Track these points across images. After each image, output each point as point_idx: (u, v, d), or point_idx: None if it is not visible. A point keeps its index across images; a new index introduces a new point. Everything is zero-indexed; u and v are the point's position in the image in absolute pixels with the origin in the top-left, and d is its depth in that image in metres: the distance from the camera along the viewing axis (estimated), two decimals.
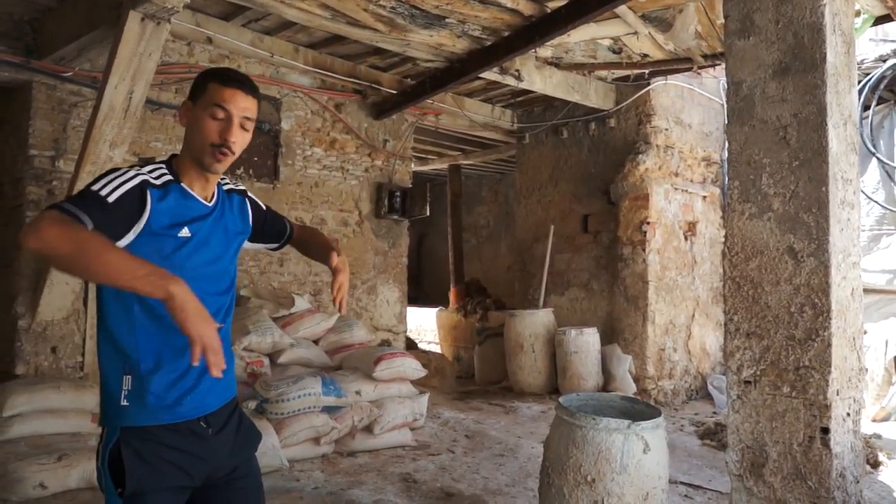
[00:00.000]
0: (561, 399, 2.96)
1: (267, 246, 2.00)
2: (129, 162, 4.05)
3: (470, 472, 4.10)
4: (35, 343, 4.48)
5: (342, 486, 3.72)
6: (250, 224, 1.84)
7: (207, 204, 1.67)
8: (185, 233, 1.59)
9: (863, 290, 2.61)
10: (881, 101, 6.10)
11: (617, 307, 6.44)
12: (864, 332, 2.92)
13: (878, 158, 6.14)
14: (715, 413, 5.89)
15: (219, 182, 1.74)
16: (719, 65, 5.63)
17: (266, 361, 4.43)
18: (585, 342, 6.16)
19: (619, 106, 6.55)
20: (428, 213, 7.14)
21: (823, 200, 2.40)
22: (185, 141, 1.64)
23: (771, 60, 2.56)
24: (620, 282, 6.37)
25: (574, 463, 2.64)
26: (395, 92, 6.15)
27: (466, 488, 3.79)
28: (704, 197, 6.78)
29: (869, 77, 5.79)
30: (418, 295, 11.22)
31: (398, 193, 6.42)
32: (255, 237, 1.89)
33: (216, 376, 1.39)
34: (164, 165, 1.62)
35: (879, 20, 4.16)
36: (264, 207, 1.93)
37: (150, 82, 3.93)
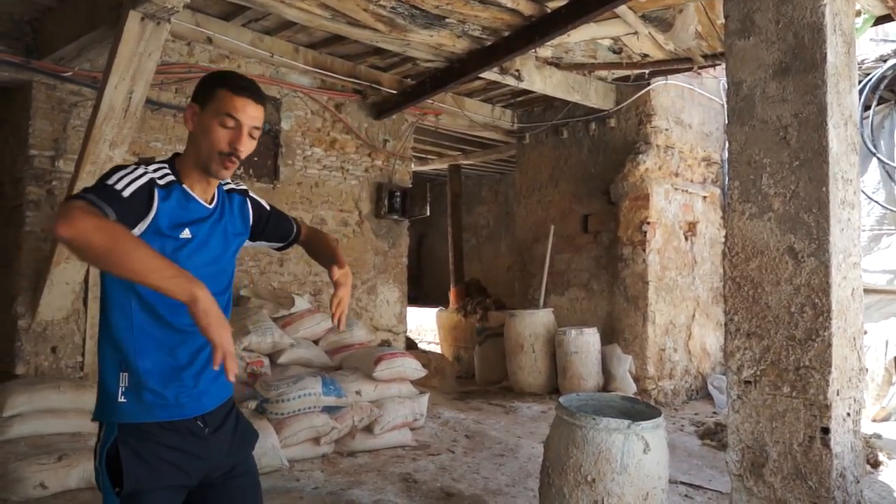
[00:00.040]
0: (561, 399, 2.96)
1: (271, 245, 1.98)
2: (128, 162, 4.04)
3: (470, 472, 4.10)
4: (35, 343, 4.48)
5: (342, 486, 3.72)
6: (250, 225, 1.83)
7: (208, 206, 1.67)
8: (186, 234, 1.59)
9: (863, 291, 2.60)
10: (882, 101, 6.10)
11: (617, 307, 6.44)
12: (865, 333, 2.91)
13: (878, 158, 6.14)
14: (715, 413, 5.89)
15: (219, 183, 1.73)
16: (719, 65, 5.63)
17: (266, 361, 4.43)
18: (585, 342, 6.16)
19: (620, 106, 6.54)
20: (428, 213, 7.13)
21: (824, 200, 2.40)
22: (191, 145, 1.63)
23: (771, 60, 2.56)
24: (620, 282, 6.37)
25: (574, 463, 2.64)
26: (395, 92, 6.14)
27: (466, 488, 3.79)
28: (705, 197, 6.78)
29: (869, 77, 5.79)
30: (418, 295, 11.21)
31: (398, 193, 6.41)
32: (255, 237, 1.88)
33: (231, 381, 1.42)
34: (166, 166, 1.61)
35: (880, 20, 4.17)
36: (268, 207, 1.91)
37: (150, 82, 3.94)
